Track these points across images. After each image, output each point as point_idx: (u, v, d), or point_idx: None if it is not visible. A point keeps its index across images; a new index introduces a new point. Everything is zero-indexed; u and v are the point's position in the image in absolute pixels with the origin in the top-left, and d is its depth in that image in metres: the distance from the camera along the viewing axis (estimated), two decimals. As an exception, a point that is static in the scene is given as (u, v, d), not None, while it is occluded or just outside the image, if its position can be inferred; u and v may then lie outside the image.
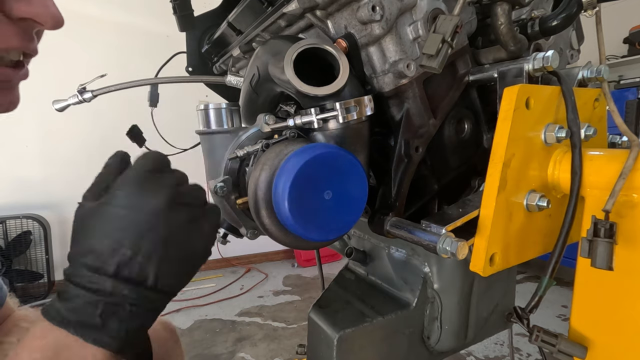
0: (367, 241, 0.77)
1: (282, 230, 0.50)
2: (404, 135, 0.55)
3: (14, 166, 3.31)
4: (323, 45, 0.50)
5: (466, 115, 0.61)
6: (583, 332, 0.49)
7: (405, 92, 0.53)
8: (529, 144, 0.48)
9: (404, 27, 0.52)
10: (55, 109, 0.80)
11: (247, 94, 0.61)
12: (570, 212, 0.46)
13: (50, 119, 3.25)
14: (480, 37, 0.60)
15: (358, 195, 0.50)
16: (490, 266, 0.48)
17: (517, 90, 0.46)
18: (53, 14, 0.42)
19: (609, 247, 0.40)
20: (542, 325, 0.51)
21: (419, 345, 0.69)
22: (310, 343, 0.69)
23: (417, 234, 0.49)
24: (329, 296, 0.73)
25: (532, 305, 0.50)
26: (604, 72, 0.52)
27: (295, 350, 1.31)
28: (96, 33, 3.43)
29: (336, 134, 0.52)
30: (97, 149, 3.51)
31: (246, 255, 4.02)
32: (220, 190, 0.55)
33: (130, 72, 1.23)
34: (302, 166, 0.45)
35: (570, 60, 0.70)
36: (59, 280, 3.45)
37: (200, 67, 0.95)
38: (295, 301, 3.07)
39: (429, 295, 0.67)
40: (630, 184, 0.43)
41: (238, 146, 0.57)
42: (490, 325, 0.73)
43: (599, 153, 0.48)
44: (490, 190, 0.47)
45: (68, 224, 3.49)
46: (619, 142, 0.63)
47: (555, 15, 0.53)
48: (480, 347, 2.28)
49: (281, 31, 0.63)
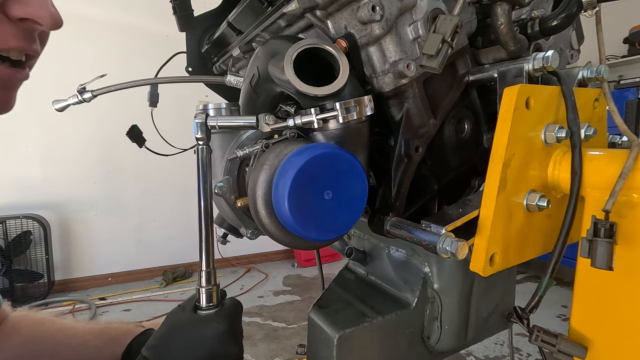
0: (367, 241, 0.77)
1: (282, 230, 0.50)
2: (404, 135, 0.55)
3: (14, 166, 3.32)
4: (323, 45, 0.50)
5: (466, 115, 0.61)
6: (583, 332, 0.49)
7: (405, 92, 0.53)
8: (529, 144, 0.48)
9: (404, 27, 0.52)
10: (55, 109, 0.80)
11: (247, 94, 0.61)
12: (570, 212, 0.46)
13: (50, 119, 3.26)
14: (480, 37, 0.60)
15: (358, 195, 0.50)
16: (490, 266, 0.48)
17: (517, 90, 0.46)
18: (51, 14, 0.43)
19: (609, 247, 0.40)
20: (542, 325, 0.51)
21: (419, 345, 0.69)
22: (310, 343, 0.69)
23: (417, 234, 0.49)
24: (329, 296, 0.73)
25: (532, 305, 0.50)
26: (604, 72, 0.52)
27: (295, 350, 1.31)
28: (96, 33, 3.43)
29: (336, 134, 0.52)
30: (97, 149, 3.52)
31: (246, 255, 4.02)
32: (220, 190, 0.55)
33: (130, 72, 1.23)
34: (302, 166, 0.45)
35: (570, 60, 0.70)
36: (58, 280, 3.45)
37: (200, 67, 0.95)
38: (295, 301, 3.08)
39: (429, 295, 0.67)
40: (630, 184, 0.43)
41: (238, 146, 0.57)
42: (490, 325, 0.73)
43: (599, 153, 0.48)
44: (490, 190, 0.47)
45: (68, 224, 3.51)
46: (619, 142, 0.63)
47: (555, 15, 0.53)
48: (480, 347, 2.28)
49: (281, 31, 0.63)
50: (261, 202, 0.49)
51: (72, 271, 3.56)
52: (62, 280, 3.50)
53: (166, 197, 3.74)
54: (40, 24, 0.42)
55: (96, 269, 3.62)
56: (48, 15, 0.42)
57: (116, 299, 3.27)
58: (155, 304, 3.14)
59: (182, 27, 0.84)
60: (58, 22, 0.44)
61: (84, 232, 3.57)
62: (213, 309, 0.56)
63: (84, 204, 3.53)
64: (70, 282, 3.54)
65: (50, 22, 0.43)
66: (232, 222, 0.64)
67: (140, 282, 3.65)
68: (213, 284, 0.57)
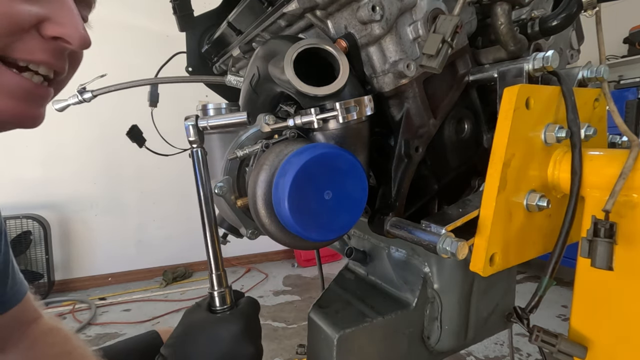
0: (367, 241, 0.77)
1: (282, 230, 0.50)
2: (404, 135, 0.55)
3: (14, 166, 3.32)
4: (323, 45, 0.50)
5: (466, 115, 0.61)
6: (583, 332, 0.49)
7: (405, 92, 0.53)
8: (529, 144, 0.48)
9: (404, 27, 0.52)
10: (55, 109, 0.80)
11: (247, 94, 0.61)
12: (570, 212, 0.46)
13: (50, 119, 3.24)
14: (480, 37, 0.60)
15: (358, 195, 0.50)
16: (490, 266, 0.48)
17: (517, 90, 0.46)
18: (81, 36, 0.47)
19: (609, 247, 0.40)
20: (542, 325, 0.51)
21: (419, 345, 0.69)
22: (310, 343, 0.69)
23: (417, 234, 0.49)
24: (329, 296, 0.73)
25: (532, 305, 0.50)
26: (604, 72, 0.52)
27: (295, 350, 1.31)
28: (96, 33, 3.41)
29: (336, 134, 0.52)
30: (98, 149, 3.51)
31: (246, 255, 4.02)
32: (220, 190, 0.55)
33: (130, 72, 1.23)
34: (302, 166, 0.45)
35: (570, 60, 0.70)
36: (58, 280, 3.45)
37: (200, 67, 0.95)
38: (295, 301, 3.07)
39: (429, 295, 0.67)
40: (630, 184, 0.43)
41: (238, 146, 0.57)
42: (490, 325, 0.73)
43: (599, 153, 0.48)
44: (490, 190, 0.47)
45: (68, 224, 3.51)
46: (619, 142, 0.62)
47: (555, 15, 0.53)
48: (480, 347, 2.28)
49: (281, 31, 0.63)
50: (261, 202, 0.49)
51: (72, 271, 3.56)
52: (62, 280, 3.50)
53: (166, 197, 3.74)
54: (70, 43, 0.46)
55: (96, 269, 3.62)
56: (78, 36, 0.46)
57: (116, 299, 3.27)
58: (155, 304, 3.14)
59: (182, 27, 0.84)
60: (87, 42, 0.47)
61: (84, 232, 3.57)
62: (228, 310, 0.56)
63: (84, 204, 3.53)
64: (70, 282, 3.54)
65: (79, 43, 0.46)
66: (232, 222, 0.64)
67: (140, 282, 3.64)
68: (225, 286, 0.56)
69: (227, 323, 0.54)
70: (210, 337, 0.52)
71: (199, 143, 0.52)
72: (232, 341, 0.52)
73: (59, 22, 0.45)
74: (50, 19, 0.44)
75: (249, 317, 0.56)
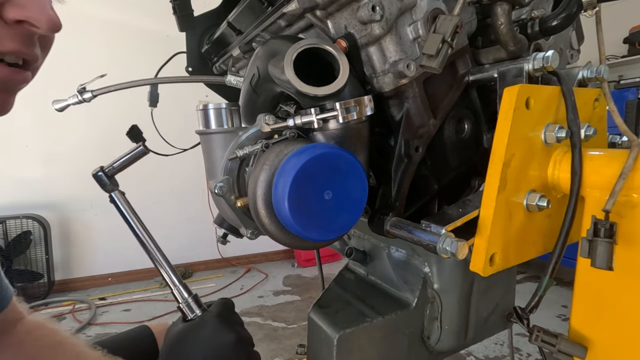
0: (367, 241, 0.77)
1: (282, 230, 0.50)
2: (404, 135, 0.55)
3: (14, 166, 3.31)
4: (323, 45, 0.50)
5: (466, 115, 0.61)
6: (583, 332, 0.49)
7: (405, 92, 0.53)
8: (529, 144, 0.48)
9: (404, 27, 0.52)
10: (55, 109, 0.80)
11: (247, 94, 0.61)
12: (570, 212, 0.46)
13: (50, 119, 3.26)
14: (480, 37, 0.60)
15: (358, 195, 0.50)
16: (490, 266, 0.48)
17: (517, 90, 0.46)
18: (49, 17, 0.41)
19: (609, 247, 0.40)
20: (542, 325, 0.51)
21: (419, 345, 0.69)
22: (310, 343, 0.69)
23: (417, 234, 0.49)
24: (329, 296, 0.73)
25: (532, 305, 0.50)
26: (604, 72, 0.52)
27: (295, 350, 1.31)
28: (96, 33, 3.43)
29: (336, 134, 0.52)
30: (97, 149, 3.51)
31: (246, 255, 4.02)
32: (220, 190, 0.55)
33: (130, 72, 1.23)
34: (302, 166, 0.45)
35: (570, 60, 0.70)
36: (58, 280, 3.45)
37: (200, 67, 0.95)
38: (295, 301, 3.07)
39: (429, 295, 0.67)
40: (630, 184, 0.43)
41: (238, 146, 0.57)
42: (490, 325, 0.73)
43: (599, 153, 0.48)
44: (490, 190, 0.47)
45: (68, 224, 3.51)
46: (619, 142, 0.63)
47: (555, 15, 0.53)
48: (480, 347, 2.28)
49: (281, 31, 0.63)
50: (261, 202, 0.49)
51: (72, 271, 3.56)
52: (62, 280, 3.50)
53: (166, 197, 3.74)
54: (37, 27, 0.41)
55: (96, 269, 3.62)
56: (46, 18, 0.41)
57: (116, 299, 3.27)
58: (155, 304, 3.14)
59: (182, 27, 0.84)
60: (56, 25, 0.42)
61: (84, 232, 3.57)
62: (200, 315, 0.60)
63: (84, 204, 3.52)
64: (70, 282, 3.54)
65: (48, 26, 0.41)
66: (232, 222, 0.64)
67: (140, 282, 3.64)
68: (188, 295, 0.61)
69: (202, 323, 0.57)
70: (191, 342, 0.55)
71: (113, 188, 0.57)
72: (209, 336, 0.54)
73: (20, 4, 0.39)
74: (10, 0, 0.39)
75: (221, 313, 0.59)
